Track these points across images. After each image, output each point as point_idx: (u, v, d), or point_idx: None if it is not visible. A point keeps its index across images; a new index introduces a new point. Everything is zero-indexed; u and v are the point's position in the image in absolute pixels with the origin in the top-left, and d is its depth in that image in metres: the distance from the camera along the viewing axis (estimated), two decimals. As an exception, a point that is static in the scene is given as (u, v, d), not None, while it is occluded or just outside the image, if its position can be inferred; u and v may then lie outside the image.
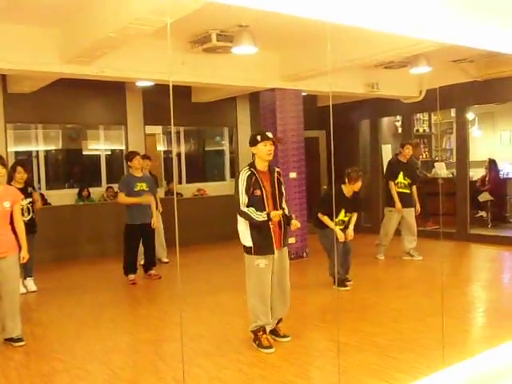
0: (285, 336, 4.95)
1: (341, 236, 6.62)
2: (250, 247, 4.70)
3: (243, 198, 4.62)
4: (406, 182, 8.41)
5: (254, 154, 4.82)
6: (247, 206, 4.62)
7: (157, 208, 8.74)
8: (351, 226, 6.79)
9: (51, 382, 4.20)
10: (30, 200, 6.92)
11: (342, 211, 6.71)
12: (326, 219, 6.65)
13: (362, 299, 6.39)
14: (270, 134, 4.78)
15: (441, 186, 10.90)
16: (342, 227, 6.72)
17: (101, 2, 5.37)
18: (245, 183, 4.64)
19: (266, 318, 4.76)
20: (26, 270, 7.05)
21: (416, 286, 6.99)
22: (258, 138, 4.72)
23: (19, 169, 6.84)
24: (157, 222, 7.86)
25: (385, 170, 8.94)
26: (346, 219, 6.77)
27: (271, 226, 4.66)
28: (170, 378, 4.14)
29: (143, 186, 7.60)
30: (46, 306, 6.67)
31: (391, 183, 8.39)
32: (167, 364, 4.50)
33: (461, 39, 4.10)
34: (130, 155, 7.78)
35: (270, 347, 4.68)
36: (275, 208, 4.71)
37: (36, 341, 5.21)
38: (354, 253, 7.04)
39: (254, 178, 4.66)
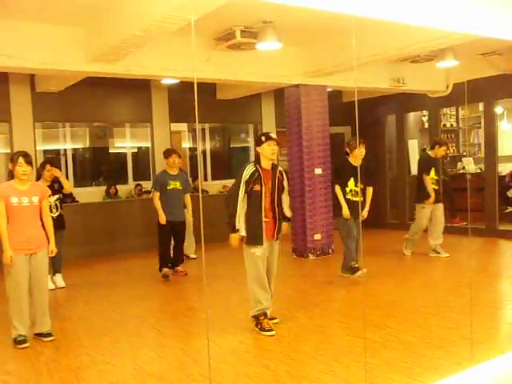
0: (273, 318, 5.26)
1: (346, 213, 6.78)
2: (244, 237, 5.08)
3: (242, 190, 4.99)
4: (436, 178, 8.36)
5: (258, 153, 5.12)
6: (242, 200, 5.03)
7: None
8: (367, 206, 6.97)
9: (80, 376, 4.25)
10: (57, 196, 7.03)
11: (352, 180, 6.83)
12: (339, 193, 6.84)
13: (389, 296, 6.33)
14: (273, 135, 5.09)
15: (469, 181, 10.75)
16: (355, 199, 6.80)
17: (126, 0, 5.41)
18: (247, 178, 5.00)
19: (267, 302, 5.13)
20: (55, 267, 7.16)
21: (444, 283, 6.91)
22: (263, 138, 5.07)
23: (48, 167, 6.95)
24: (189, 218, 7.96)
25: (417, 165, 8.80)
26: (357, 189, 6.84)
27: (264, 220, 5.04)
28: (197, 374, 4.16)
29: (177, 184, 7.62)
30: (74, 301, 6.77)
31: (426, 177, 8.32)
32: (194, 359, 4.52)
33: (490, 31, 4.04)
34: (167, 153, 7.80)
35: (271, 330, 5.02)
36: (271, 203, 5.10)
37: (65, 336, 5.29)
38: (381, 249, 6.98)
39: (257, 174, 5.01)
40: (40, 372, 4.37)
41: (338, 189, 6.90)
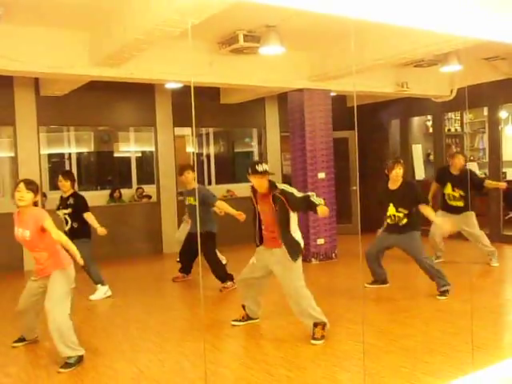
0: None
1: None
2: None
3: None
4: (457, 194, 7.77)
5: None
6: None
7: None
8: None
9: (80, 380, 4.25)
10: (68, 211, 6.78)
11: (391, 205, 6.44)
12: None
13: (392, 301, 6.30)
14: (261, 168, 4.91)
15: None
16: (393, 222, 6.44)
17: (128, 4, 5.43)
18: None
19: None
20: (93, 279, 6.99)
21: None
22: (250, 170, 4.95)
23: (60, 177, 6.84)
24: None
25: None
26: (400, 215, 6.36)
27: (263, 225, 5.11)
28: (197, 378, 4.15)
29: (191, 200, 7.43)
30: (76, 305, 6.73)
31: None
32: (193, 364, 4.50)
33: (493, 35, 4.02)
34: (179, 170, 7.52)
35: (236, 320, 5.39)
36: (268, 227, 5.09)
37: (66, 339, 5.28)
38: (384, 254, 6.93)
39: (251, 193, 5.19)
40: (40, 375, 4.38)
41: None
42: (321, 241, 8.86)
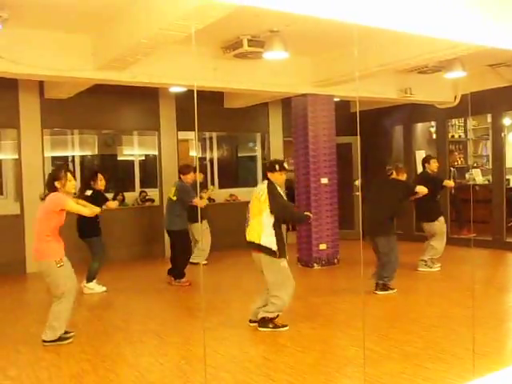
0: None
1: None
2: (275, 251, 5.26)
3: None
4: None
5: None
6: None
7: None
8: None
9: (80, 382, 4.25)
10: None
11: None
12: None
13: (393, 307, 6.30)
14: (286, 165, 5.51)
15: (476, 192, 10.72)
16: None
17: (133, 8, 5.46)
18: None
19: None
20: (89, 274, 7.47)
21: (449, 295, 6.85)
22: (277, 167, 5.39)
23: (100, 176, 7.41)
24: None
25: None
26: None
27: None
28: (197, 382, 4.15)
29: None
30: (77, 307, 6.75)
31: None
32: (194, 368, 4.50)
33: (497, 42, 4.03)
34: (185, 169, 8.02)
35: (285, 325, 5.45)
36: None
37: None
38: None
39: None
40: (41, 377, 4.38)
41: None
42: (323, 246, 8.86)
